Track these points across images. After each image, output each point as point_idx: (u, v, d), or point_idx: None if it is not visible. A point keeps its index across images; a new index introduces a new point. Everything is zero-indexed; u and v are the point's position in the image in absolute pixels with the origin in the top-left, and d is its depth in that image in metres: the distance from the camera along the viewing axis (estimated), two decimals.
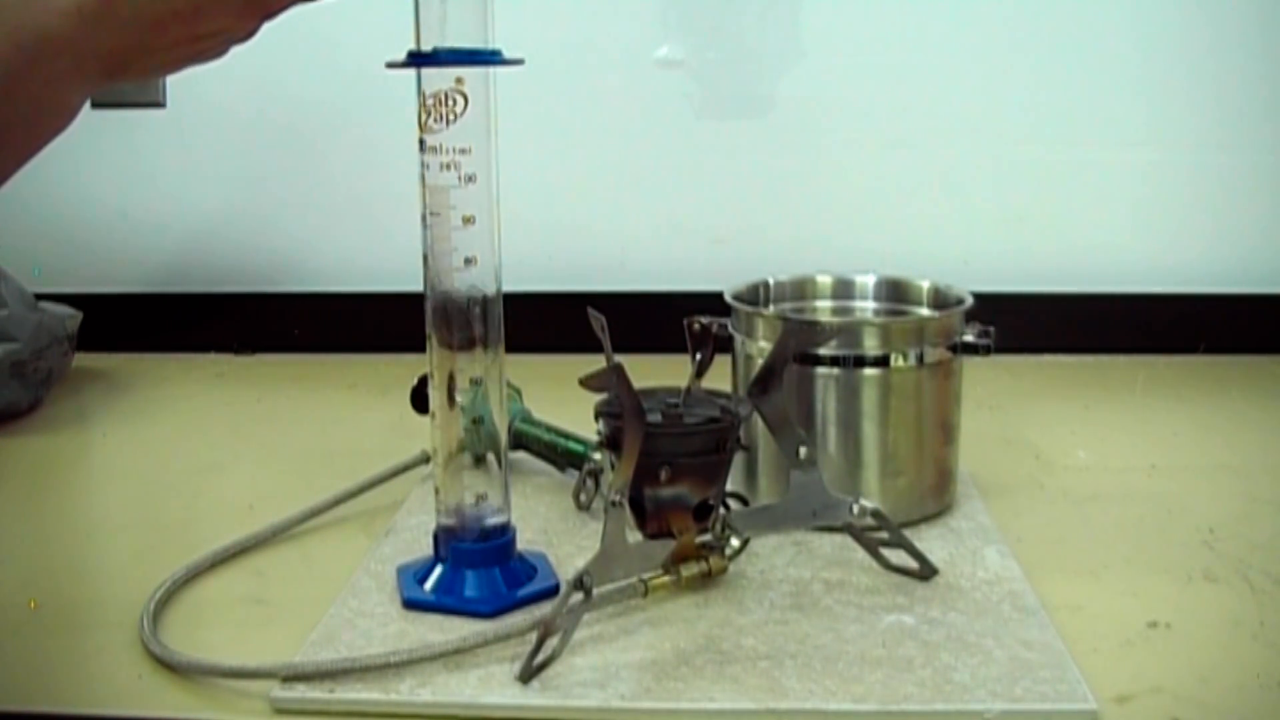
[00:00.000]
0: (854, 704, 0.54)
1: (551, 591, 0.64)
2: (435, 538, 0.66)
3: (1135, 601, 0.64)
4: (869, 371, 0.72)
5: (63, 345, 1.05)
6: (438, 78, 0.59)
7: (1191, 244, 1.17)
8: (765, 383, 0.64)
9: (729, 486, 0.66)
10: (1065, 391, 1.07)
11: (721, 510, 0.65)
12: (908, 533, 0.68)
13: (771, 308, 0.82)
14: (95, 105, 1.18)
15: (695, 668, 0.57)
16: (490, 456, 0.68)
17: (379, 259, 1.19)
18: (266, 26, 0.56)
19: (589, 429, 0.70)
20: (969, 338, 0.74)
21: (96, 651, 0.60)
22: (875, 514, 0.66)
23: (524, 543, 0.68)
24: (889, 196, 1.18)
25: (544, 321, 0.99)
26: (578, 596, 0.57)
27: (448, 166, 0.60)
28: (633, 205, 1.20)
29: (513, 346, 0.65)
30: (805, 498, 0.65)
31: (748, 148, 1.18)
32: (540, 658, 0.56)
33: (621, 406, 0.58)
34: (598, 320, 0.61)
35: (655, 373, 0.65)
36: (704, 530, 0.63)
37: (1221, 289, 1.16)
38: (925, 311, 0.80)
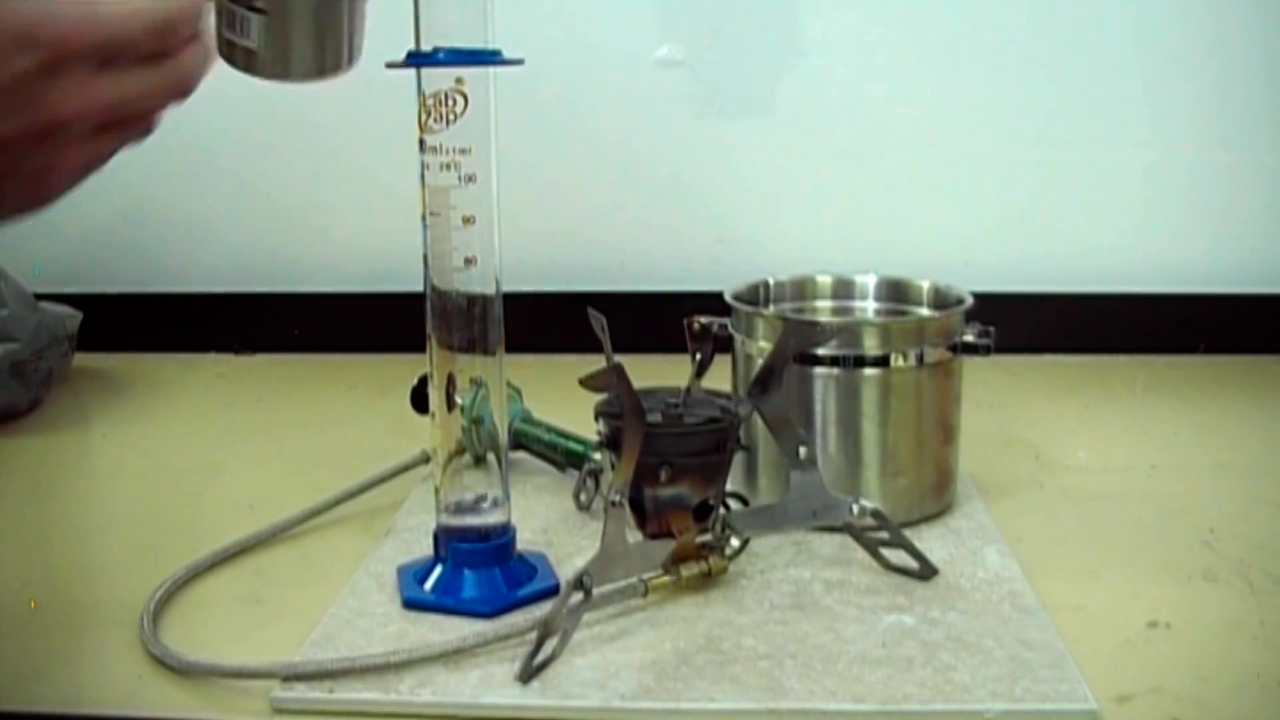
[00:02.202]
0: (854, 704, 0.54)
1: (551, 591, 0.64)
2: (435, 538, 0.66)
3: (1135, 601, 0.64)
4: (869, 371, 0.72)
5: (63, 345, 1.05)
6: (438, 78, 0.59)
7: (1191, 244, 1.17)
8: (765, 383, 0.64)
9: (729, 486, 0.66)
10: (1065, 391, 1.07)
11: (721, 510, 0.65)
12: (908, 533, 0.68)
13: (771, 308, 0.82)
14: None
15: (695, 668, 0.57)
16: (490, 456, 0.68)
17: (379, 259, 1.19)
18: None
19: (589, 429, 0.70)
20: (969, 338, 0.74)
21: (96, 651, 0.60)
22: (875, 514, 0.66)
23: (524, 543, 0.68)
24: (889, 196, 1.18)
25: (544, 321, 0.99)
26: (578, 596, 0.57)
27: (448, 166, 0.60)
28: (633, 205, 1.20)
29: (513, 346, 0.65)
30: (805, 498, 0.65)
31: (748, 148, 1.18)
32: (540, 658, 0.56)
33: (621, 406, 0.58)
34: (598, 320, 0.61)
35: (655, 373, 0.65)
36: (704, 530, 0.63)
37: (1221, 289, 1.16)
38: (925, 311, 0.80)
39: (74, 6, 0.44)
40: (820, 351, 0.71)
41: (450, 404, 0.64)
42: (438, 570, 0.65)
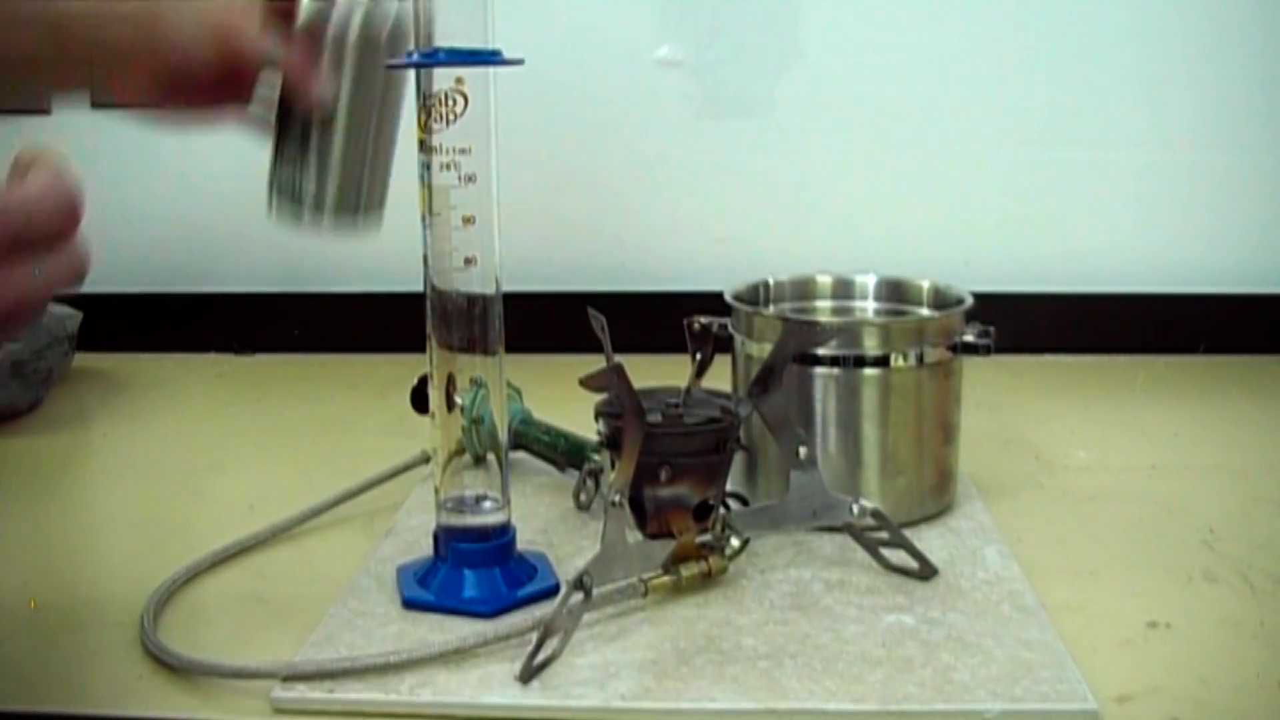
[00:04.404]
0: (854, 704, 0.54)
1: (551, 591, 0.64)
2: (435, 538, 0.66)
3: (1135, 601, 0.64)
4: (869, 371, 0.72)
5: (63, 345, 1.05)
6: (438, 78, 0.59)
7: (1191, 244, 1.18)
8: (765, 383, 0.64)
9: (729, 486, 0.66)
10: (1065, 391, 1.07)
11: (721, 510, 0.65)
12: (908, 533, 0.68)
13: (771, 308, 0.82)
14: (95, 105, 1.18)
15: (695, 668, 0.57)
16: (490, 456, 0.68)
17: (379, 259, 1.19)
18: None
19: (589, 429, 0.70)
20: (969, 338, 0.74)
21: (96, 651, 0.60)
22: (875, 514, 0.66)
23: (524, 543, 0.68)
24: (889, 196, 1.18)
25: (544, 321, 0.99)
26: (578, 596, 0.57)
27: (448, 166, 0.60)
28: (633, 205, 1.20)
29: (513, 346, 0.65)
30: (805, 498, 0.65)
31: (748, 148, 1.18)
32: (540, 658, 0.56)
33: (621, 406, 0.58)
34: (598, 320, 0.61)
35: (655, 373, 0.65)
36: (704, 530, 0.63)
37: (1221, 289, 1.16)
38: (925, 311, 0.80)
39: None
40: (820, 351, 0.71)
41: (450, 404, 0.64)
42: (438, 570, 0.65)
